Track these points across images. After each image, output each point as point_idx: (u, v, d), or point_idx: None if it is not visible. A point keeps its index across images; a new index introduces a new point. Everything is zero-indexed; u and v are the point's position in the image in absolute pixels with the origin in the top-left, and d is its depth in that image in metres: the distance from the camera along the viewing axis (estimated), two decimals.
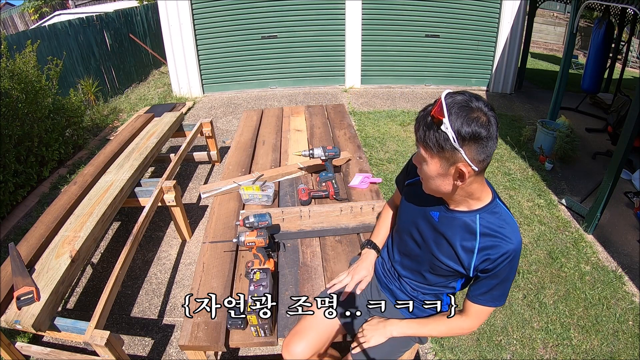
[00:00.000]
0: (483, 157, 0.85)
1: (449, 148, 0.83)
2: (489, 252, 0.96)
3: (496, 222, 0.96)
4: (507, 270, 0.97)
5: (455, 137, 0.82)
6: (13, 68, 3.26)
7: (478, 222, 0.97)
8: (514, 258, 0.95)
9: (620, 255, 2.61)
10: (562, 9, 12.68)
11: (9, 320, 1.45)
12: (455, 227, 1.00)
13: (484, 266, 0.98)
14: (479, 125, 0.81)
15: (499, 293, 1.01)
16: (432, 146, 0.85)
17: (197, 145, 4.09)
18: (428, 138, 0.85)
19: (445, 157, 0.86)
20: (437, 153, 0.86)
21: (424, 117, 0.87)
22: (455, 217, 1.00)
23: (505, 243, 0.94)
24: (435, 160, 0.88)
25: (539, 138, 3.97)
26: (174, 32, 5.28)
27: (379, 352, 1.17)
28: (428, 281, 1.15)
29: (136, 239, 2.08)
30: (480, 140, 0.82)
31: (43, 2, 11.87)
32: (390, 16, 5.48)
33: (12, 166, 3.01)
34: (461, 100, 0.83)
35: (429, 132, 0.85)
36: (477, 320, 1.08)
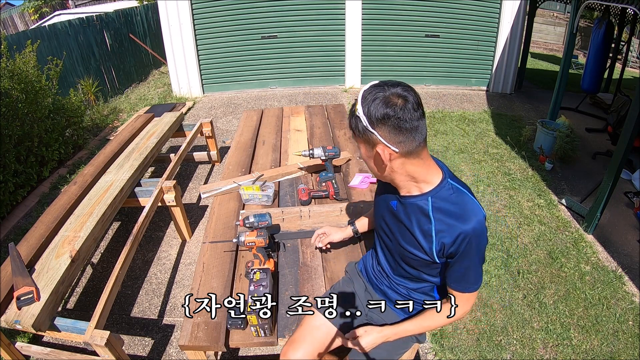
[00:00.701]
0: (401, 139, 0.89)
1: (365, 131, 0.91)
2: (444, 234, 0.95)
3: (448, 203, 0.96)
4: (471, 251, 0.94)
5: (366, 120, 0.89)
6: (13, 68, 3.26)
7: (430, 205, 0.97)
8: (473, 238, 0.93)
9: (620, 255, 2.61)
10: (562, 9, 12.68)
11: (9, 320, 1.45)
12: (411, 212, 1.01)
13: (446, 250, 0.97)
14: (388, 107, 0.86)
15: (473, 277, 1.00)
16: (354, 131, 0.95)
17: (197, 145, 4.09)
18: (351, 124, 0.95)
19: (366, 140, 0.94)
20: (359, 137, 0.94)
21: (351, 107, 0.96)
22: (408, 202, 1.02)
23: (459, 224, 0.93)
24: (362, 144, 0.97)
25: (539, 138, 3.97)
26: (174, 32, 5.28)
27: (377, 353, 1.17)
28: (407, 274, 1.14)
29: (136, 239, 2.08)
30: (389, 121, 0.87)
31: (43, 2, 11.87)
32: (390, 16, 5.48)
33: (12, 166, 3.01)
34: (375, 87, 0.90)
35: (351, 119, 0.94)
36: (465, 307, 1.07)
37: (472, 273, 0.99)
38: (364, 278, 1.35)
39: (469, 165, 3.68)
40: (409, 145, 0.90)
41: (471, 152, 3.95)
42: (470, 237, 0.92)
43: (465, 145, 4.10)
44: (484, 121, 4.77)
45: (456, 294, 1.05)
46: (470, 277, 1.00)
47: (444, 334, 2.02)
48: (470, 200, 0.96)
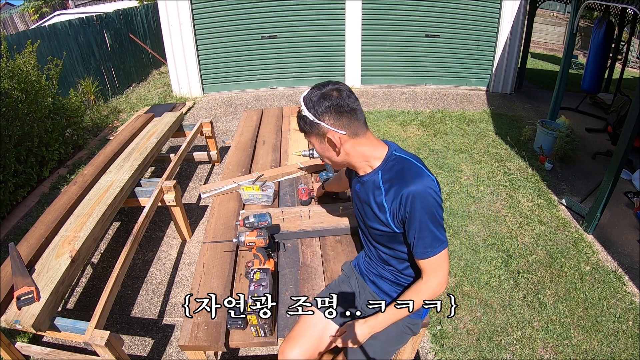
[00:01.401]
0: (345, 121, 1.03)
1: (313, 124, 1.03)
2: (393, 200, 1.04)
3: (395, 172, 1.06)
4: (416, 211, 0.99)
5: (312, 115, 1.02)
6: (13, 68, 3.26)
7: (379, 177, 1.08)
8: (415, 198, 0.99)
9: (620, 255, 2.61)
10: (562, 9, 12.68)
11: (9, 320, 1.45)
12: (367, 189, 1.12)
13: (399, 217, 1.04)
14: (326, 99, 1.01)
15: (428, 240, 1.02)
16: (304, 130, 1.07)
17: (197, 145, 4.09)
18: (300, 125, 1.08)
19: (316, 134, 1.06)
20: (310, 133, 1.07)
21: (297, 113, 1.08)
22: (364, 180, 1.13)
23: (402, 187, 1.01)
24: (314, 140, 1.08)
25: (539, 138, 3.97)
26: (174, 32, 5.29)
27: (373, 349, 1.17)
28: (385, 254, 1.20)
29: (136, 239, 2.08)
30: (331, 108, 1.01)
31: (43, 2, 11.87)
32: (390, 16, 5.48)
33: (12, 166, 3.01)
34: (312, 89, 1.05)
35: (299, 121, 1.07)
36: (437, 274, 1.06)
37: (426, 234, 1.01)
38: (357, 273, 1.37)
39: (469, 165, 3.68)
40: (353, 126, 1.04)
41: (471, 152, 3.95)
42: (413, 196, 0.99)
43: (465, 145, 4.10)
44: (484, 121, 4.77)
45: (422, 264, 1.07)
46: (424, 238, 1.02)
47: (444, 334, 2.02)
48: (415, 166, 1.05)
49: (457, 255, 2.55)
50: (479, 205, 3.10)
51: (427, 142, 4.13)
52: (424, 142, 4.13)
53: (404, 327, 1.24)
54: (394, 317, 1.13)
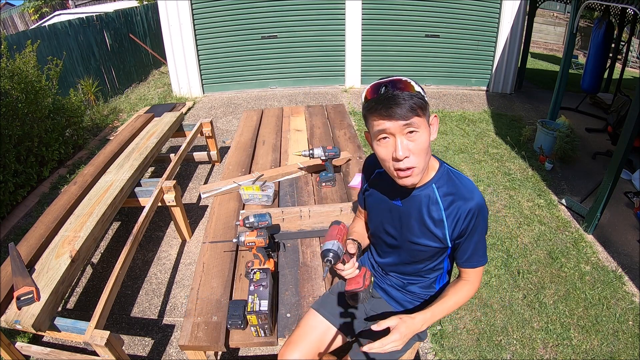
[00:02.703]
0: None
1: (426, 103, 0.93)
2: (456, 215, 1.00)
3: (452, 186, 1.02)
4: (479, 226, 1.01)
5: (424, 92, 0.93)
6: (13, 68, 3.26)
7: (436, 192, 1.03)
8: (479, 213, 0.99)
9: (620, 255, 2.61)
10: (562, 9, 12.68)
11: (9, 320, 1.45)
12: (419, 203, 1.05)
13: (457, 231, 1.02)
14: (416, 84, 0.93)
15: (482, 250, 1.05)
16: (421, 106, 0.91)
17: (197, 145, 4.09)
18: (415, 103, 0.89)
19: (426, 115, 0.94)
20: (424, 112, 0.92)
21: (394, 94, 0.89)
22: (415, 195, 1.05)
23: (465, 202, 0.99)
24: (424, 122, 0.93)
25: (539, 138, 3.97)
26: (174, 32, 5.28)
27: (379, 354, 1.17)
28: (414, 270, 1.17)
29: (136, 239, 2.08)
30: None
31: (43, 2, 11.87)
32: (390, 16, 5.48)
33: (12, 166, 3.01)
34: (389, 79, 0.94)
35: (412, 99, 0.89)
36: (476, 283, 1.10)
37: (482, 246, 1.04)
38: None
39: (469, 165, 3.68)
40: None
41: (471, 152, 3.95)
42: (477, 212, 0.99)
43: (465, 145, 4.10)
44: (484, 121, 4.77)
45: (469, 272, 1.08)
46: (479, 251, 1.05)
47: (444, 334, 2.02)
48: (466, 179, 1.05)
49: None
50: None
51: None
52: None
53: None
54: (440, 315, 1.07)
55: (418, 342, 1.29)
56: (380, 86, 0.91)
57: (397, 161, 0.93)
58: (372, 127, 0.95)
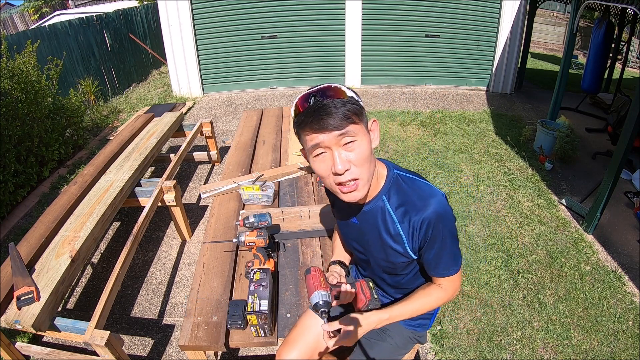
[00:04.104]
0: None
1: (361, 109, 0.85)
2: (410, 228, 0.93)
3: (403, 195, 0.94)
4: (439, 235, 0.92)
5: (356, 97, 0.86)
6: (13, 68, 3.26)
7: (387, 204, 0.94)
8: (437, 220, 0.90)
9: (620, 255, 2.61)
10: (562, 9, 12.68)
11: (9, 320, 1.45)
12: (373, 219, 0.97)
13: (417, 243, 0.95)
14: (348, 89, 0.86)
15: (448, 258, 0.97)
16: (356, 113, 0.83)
17: (197, 145, 4.09)
18: (349, 110, 0.81)
19: (364, 121, 0.87)
20: (360, 119, 0.85)
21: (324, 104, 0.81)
22: (367, 210, 0.97)
23: (419, 212, 0.91)
24: (362, 129, 0.85)
25: (539, 138, 3.97)
26: (174, 32, 5.28)
27: (378, 355, 1.17)
28: (394, 281, 1.11)
29: (136, 239, 2.08)
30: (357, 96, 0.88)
31: (43, 2, 11.87)
32: (390, 16, 5.48)
33: (12, 166, 3.01)
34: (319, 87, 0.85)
35: (345, 106, 0.81)
36: (450, 290, 1.04)
37: (446, 255, 0.96)
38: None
39: (469, 165, 3.68)
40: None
41: (471, 152, 3.95)
42: (433, 221, 0.90)
43: (465, 145, 4.10)
44: (484, 121, 4.77)
45: (439, 280, 1.03)
46: (444, 260, 0.97)
47: (444, 334, 2.02)
48: (421, 183, 0.95)
49: None
50: (479, 205, 3.10)
51: (427, 142, 4.13)
52: (424, 142, 4.13)
53: (410, 339, 1.23)
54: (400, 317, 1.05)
55: (417, 345, 1.29)
56: (309, 97, 0.83)
57: (337, 175, 0.85)
58: (306, 143, 0.86)
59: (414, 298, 1.06)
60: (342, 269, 1.18)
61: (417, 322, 1.22)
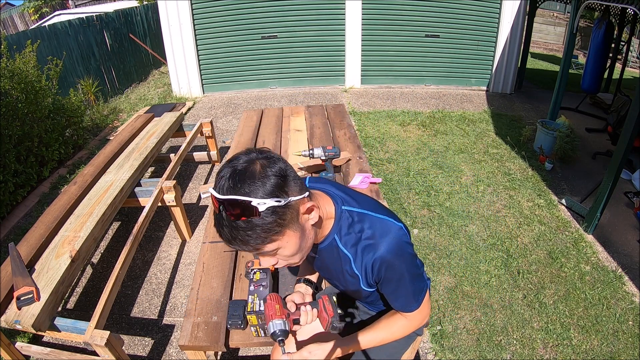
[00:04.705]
0: (299, 181, 0.79)
1: (285, 211, 0.73)
2: (363, 267, 0.90)
3: (354, 235, 0.89)
4: (394, 276, 0.88)
5: (277, 199, 0.71)
6: (13, 68, 3.26)
7: (339, 244, 0.90)
8: (388, 262, 0.86)
9: (620, 255, 2.61)
10: (562, 9, 12.68)
11: (9, 320, 1.45)
12: (329, 257, 0.95)
13: (372, 280, 0.92)
14: (269, 168, 0.73)
15: (407, 297, 0.94)
16: (274, 231, 0.73)
17: (197, 145, 4.09)
18: (263, 232, 0.72)
19: (290, 220, 0.75)
20: (283, 227, 0.74)
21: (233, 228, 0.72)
22: (321, 249, 0.94)
23: (369, 252, 0.87)
24: (288, 233, 0.77)
25: (539, 138, 3.97)
26: (174, 32, 5.28)
27: (381, 352, 1.17)
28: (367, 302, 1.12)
29: (136, 239, 2.08)
30: (285, 174, 0.75)
31: (43, 2, 11.88)
32: (390, 16, 5.48)
33: (12, 166, 3.01)
34: (233, 178, 0.71)
35: (256, 229, 0.71)
36: (415, 321, 1.01)
37: (404, 293, 0.93)
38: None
39: (469, 165, 3.68)
40: (303, 184, 0.80)
41: (471, 152, 3.95)
42: (386, 261, 0.86)
43: (465, 145, 4.10)
44: (484, 121, 4.77)
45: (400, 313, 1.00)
46: (402, 298, 0.94)
47: (444, 334, 2.02)
48: (375, 220, 0.89)
49: (457, 256, 2.55)
50: (479, 205, 3.10)
51: (427, 142, 4.13)
52: (424, 142, 4.13)
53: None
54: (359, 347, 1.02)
55: (419, 337, 1.28)
56: (219, 207, 0.71)
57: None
58: None
59: (378, 327, 1.02)
60: (307, 287, 1.14)
61: None
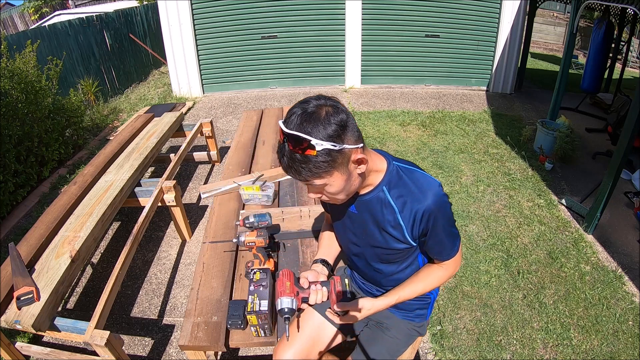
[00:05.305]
0: (357, 134, 0.86)
1: (337, 155, 0.82)
2: (411, 217, 0.96)
3: (403, 186, 0.96)
4: (439, 224, 0.96)
5: (333, 144, 0.80)
6: (13, 68, 3.26)
7: (388, 194, 0.98)
8: (437, 211, 0.94)
9: (620, 255, 2.61)
10: (562, 9, 12.68)
11: (9, 320, 1.45)
12: (372, 207, 1.00)
13: (417, 232, 0.98)
14: (333, 116, 0.81)
15: (450, 243, 1.02)
16: (324, 169, 0.82)
17: (197, 145, 4.09)
18: (314, 167, 0.81)
19: (339, 165, 0.84)
20: (331, 169, 0.83)
21: (291, 159, 0.81)
22: (366, 199, 1.00)
23: (419, 203, 0.94)
24: (336, 174, 0.85)
25: (539, 138, 3.97)
26: (174, 32, 5.28)
27: (381, 350, 1.17)
28: (387, 272, 1.13)
29: (136, 239, 2.08)
30: (345, 125, 0.82)
31: (43, 2, 11.88)
32: (390, 16, 5.48)
33: (12, 166, 3.01)
34: (302, 117, 0.80)
35: (309, 164, 0.81)
36: (450, 269, 1.09)
37: (447, 241, 1.01)
38: (355, 287, 1.31)
39: (469, 165, 3.68)
40: (361, 136, 0.88)
41: (471, 152, 3.95)
42: (434, 212, 0.94)
43: (465, 145, 4.10)
44: (484, 121, 4.77)
45: (441, 263, 1.08)
46: (446, 245, 1.02)
47: (444, 334, 2.02)
48: (421, 175, 0.98)
49: None
50: (479, 205, 3.10)
51: (427, 142, 4.13)
52: (424, 142, 4.13)
53: (411, 330, 1.23)
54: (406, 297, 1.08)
55: (420, 337, 1.28)
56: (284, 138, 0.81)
57: None
58: None
59: (418, 279, 1.09)
60: (323, 267, 1.19)
61: (414, 313, 1.22)
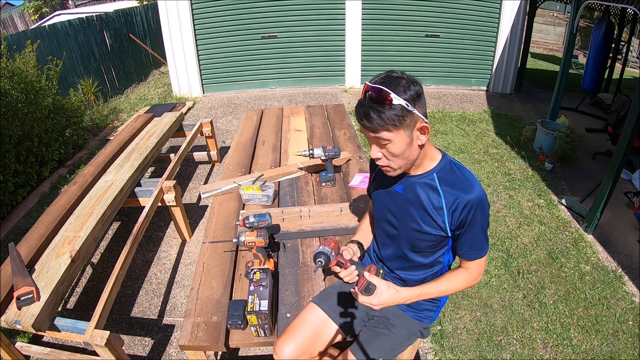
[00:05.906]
0: (425, 110, 0.98)
1: (407, 115, 0.93)
2: (454, 205, 1.02)
3: (453, 177, 1.04)
4: (478, 219, 1.02)
5: (407, 103, 0.92)
6: (13, 68, 3.26)
7: (436, 180, 1.05)
8: (478, 206, 1.01)
9: (620, 255, 2.61)
10: (562, 9, 12.68)
11: (9, 320, 1.45)
12: (419, 189, 1.07)
13: (456, 222, 1.04)
14: (412, 85, 0.95)
15: (481, 243, 1.07)
16: (394, 123, 0.93)
17: (197, 145, 4.09)
18: (387, 118, 0.92)
19: (406, 125, 0.94)
20: (400, 125, 0.93)
21: (369, 107, 0.93)
22: (416, 181, 1.08)
23: (465, 194, 1.01)
24: (401, 133, 0.95)
25: (539, 138, 3.97)
26: (174, 32, 5.28)
27: (381, 347, 1.17)
28: (414, 263, 1.16)
29: (136, 239, 2.08)
30: (419, 95, 0.95)
31: (43, 2, 11.87)
32: (390, 16, 5.48)
33: (12, 166, 3.01)
34: (385, 78, 0.95)
35: (384, 114, 0.92)
36: (474, 274, 1.13)
37: (480, 239, 1.06)
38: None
39: (469, 165, 3.68)
40: (426, 115, 0.98)
41: (471, 152, 3.95)
42: (475, 205, 1.00)
43: (465, 145, 4.10)
44: (484, 121, 4.77)
45: (469, 263, 1.11)
46: (479, 242, 1.07)
47: (444, 334, 2.02)
48: (469, 173, 1.06)
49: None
50: None
51: None
52: None
53: (415, 331, 1.23)
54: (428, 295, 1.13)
55: (419, 339, 1.29)
56: (367, 91, 0.94)
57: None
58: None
59: (443, 280, 1.13)
60: (358, 249, 1.27)
61: (424, 313, 1.23)
